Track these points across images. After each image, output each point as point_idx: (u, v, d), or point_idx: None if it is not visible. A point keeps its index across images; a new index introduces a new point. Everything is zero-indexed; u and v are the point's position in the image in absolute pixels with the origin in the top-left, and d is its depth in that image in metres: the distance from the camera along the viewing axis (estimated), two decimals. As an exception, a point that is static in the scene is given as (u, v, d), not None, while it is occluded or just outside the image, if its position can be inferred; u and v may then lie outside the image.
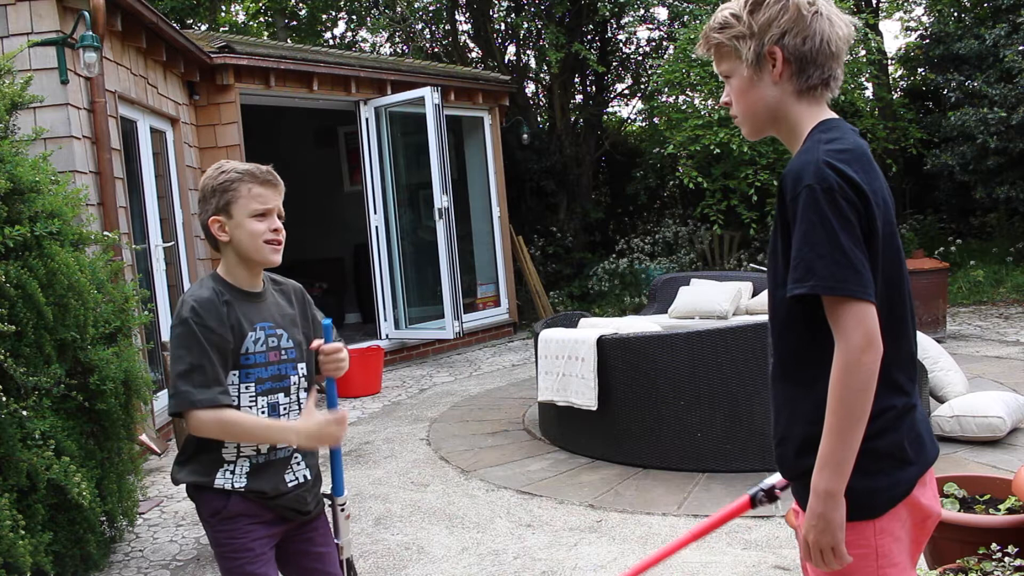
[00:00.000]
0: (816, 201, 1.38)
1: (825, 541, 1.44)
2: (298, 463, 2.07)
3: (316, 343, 2.12)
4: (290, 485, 2.03)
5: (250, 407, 1.98)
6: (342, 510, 2.15)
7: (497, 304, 9.83)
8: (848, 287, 1.37)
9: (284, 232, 2.02)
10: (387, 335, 8.59)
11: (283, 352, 2.04)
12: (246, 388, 1.98)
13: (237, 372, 1.96)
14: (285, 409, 2.05)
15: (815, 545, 1.45)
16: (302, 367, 2.09)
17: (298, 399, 2.08)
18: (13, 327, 3.01)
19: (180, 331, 1.91)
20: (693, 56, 8.53)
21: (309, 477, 2.08)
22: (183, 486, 2.05)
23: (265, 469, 2.00)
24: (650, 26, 11.82)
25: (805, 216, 1.39)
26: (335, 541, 2.15)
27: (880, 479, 1.46)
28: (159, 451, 5.10)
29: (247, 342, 1.97)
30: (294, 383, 2.06)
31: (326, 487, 2.17)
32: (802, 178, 1.41)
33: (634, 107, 13.60)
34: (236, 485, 1.96)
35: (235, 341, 1.95)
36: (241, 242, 1.99)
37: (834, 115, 1.55)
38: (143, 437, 4.24)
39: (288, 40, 13.65)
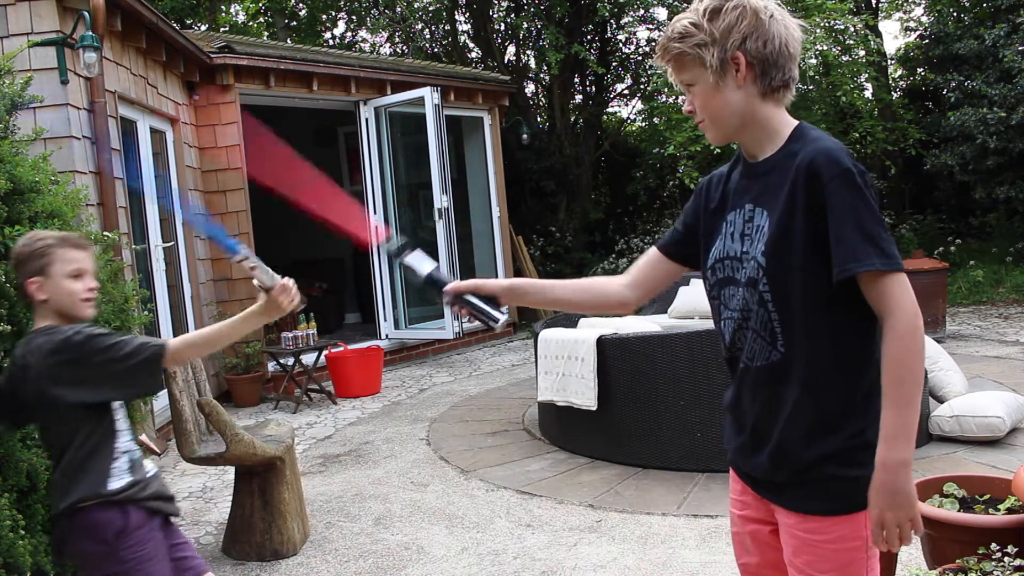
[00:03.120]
0: (858, 184, 1.44)
1: (906, 514, 1.45)
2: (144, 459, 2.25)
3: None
4: (148, 476, 2.19)
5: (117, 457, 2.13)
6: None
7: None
8: (898, 262, 1.44)
9: (96, 290, 2.22)
10: (387, 335, 8.59)
11: None
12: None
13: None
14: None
15: (894, 522, 1.45)
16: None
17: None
18: (12, 326, 3.01)
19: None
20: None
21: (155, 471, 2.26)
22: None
23: (138, 465, 2.17)
24: (650, 26, 11.84)
25: (850, 199, 1.43)
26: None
27: (868, 469, 1.49)
28: (159, 451, 5.10)
29: None
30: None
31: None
32: (839, 161, 1.45)
33: (634, 107, 13.62)
34: (123, 481, 2.10)
35: None
36: (60, 300, 2.14)
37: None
38: (143, 437, 4.23)
39: (288, 40, 13.65)
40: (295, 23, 15.03)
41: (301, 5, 14.83)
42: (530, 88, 13.34)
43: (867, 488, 1.47)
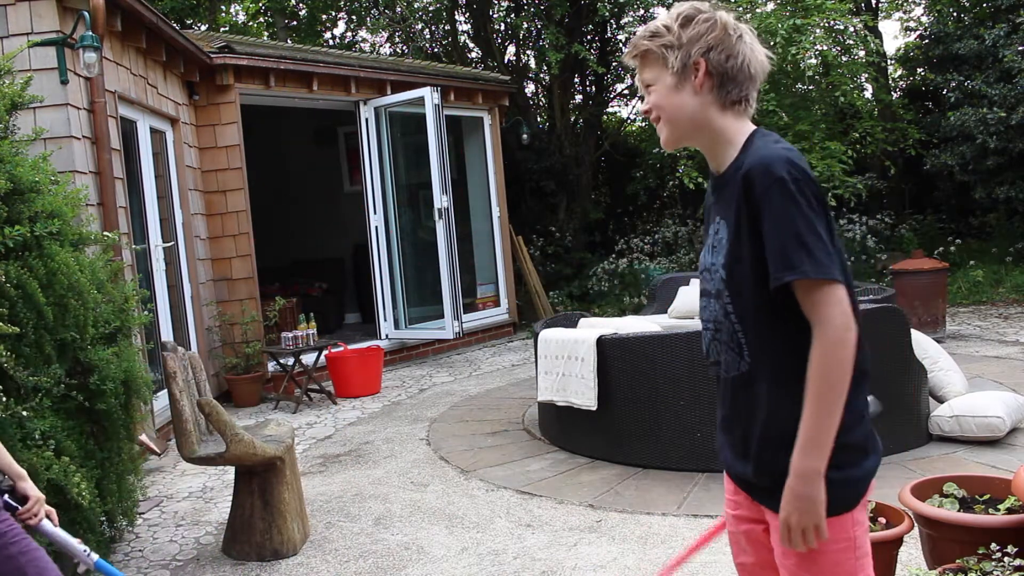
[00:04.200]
0: (791, 192, 1.44)
1: (809, 520, 1.48)
2: None
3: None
4: None
5: None
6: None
7: (497, 304, 9.83)
8: (830, 271, 1.44)
9: None
10: (387, 335, 8.59)
11: None
12: None
13: None
14: None
15: (798, 526, 1.49)
16: None
17: None
18: (15, 328, 3.01)
19: None
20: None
21: None
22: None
23: None
24: (649, 27, 11.81)
25: (782, 207, 1.44)
26: None
27: (854, 471, 1.52)
28: (159, 451, 5.10)
29: None
30: None
31: None
32: (772, 171, 1.46)
33: (634, 107, 13.61)
34: None
35: None
36: None
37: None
38: (143, 437, 4.24)
39: (288, 40, 13.65)
40: (295, 23, 15.02)
41: (301, 5, 14.82)
42: (530, 88, 13.33)
43: (849, 489, 1.51)
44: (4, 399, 2.96)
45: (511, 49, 12.89)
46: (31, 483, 2.25)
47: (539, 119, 13.04)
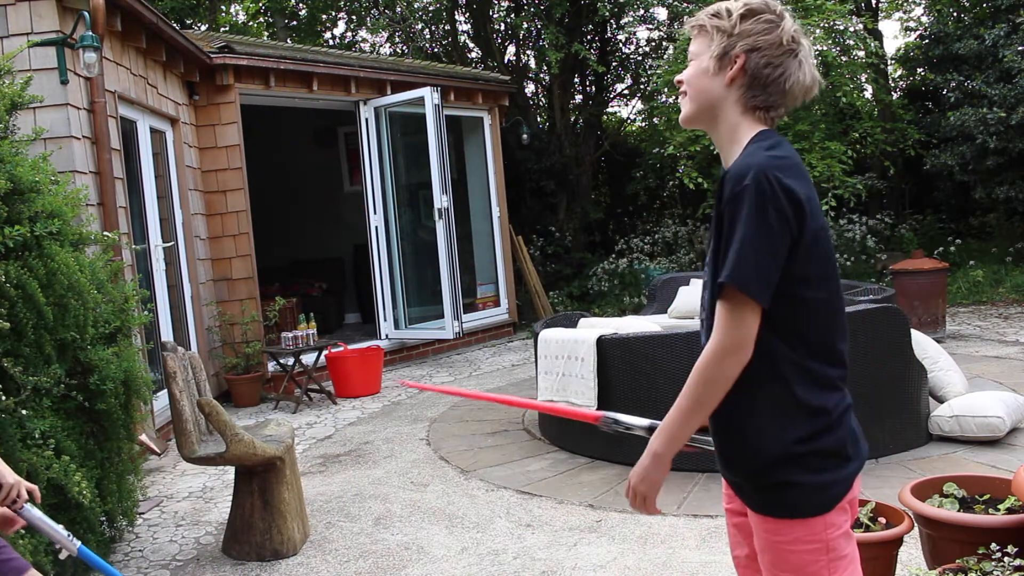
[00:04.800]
0: (751, 202, 1.45)
1: (642, 489, 1.67)
2: None
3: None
4: None
5: None
6: None
7: (497, 304, 9.83)
8: (750, 287, 1.45)
9: None
10: (387, 335, 8.59)
11: None
12: None
13: None
14: None
15: (635, 489, 1.67)
16: None
17: None
18: (12, 326, 3.01)
19: None
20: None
21: None
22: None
23: None
24: (650, 26, 11.82)
25: (739, 214, 1.46)
26: None
27: (826, 476, 1.54)
28: (159, 451, 5.10)
29: None
30: None
31: None
32: (742, 179, 1.47)
33: (634, 107, 13.61)
34: None
35: None
36: None
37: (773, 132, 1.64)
38: (143, 437, 4.24)
39: (288, 40, 13.65)
40: (295, 23, 15.02)
41: (301, 5, 14.82)
42: (530, 88, 13.33)
43: (820, 493, 1.53)
44: (4, 399, 2.96)
45: (511, 49, 12.89)
46: (5, 466, 2.20)
47: (539, 119, 13.04)
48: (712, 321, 1.55)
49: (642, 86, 12.14)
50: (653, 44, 12.42)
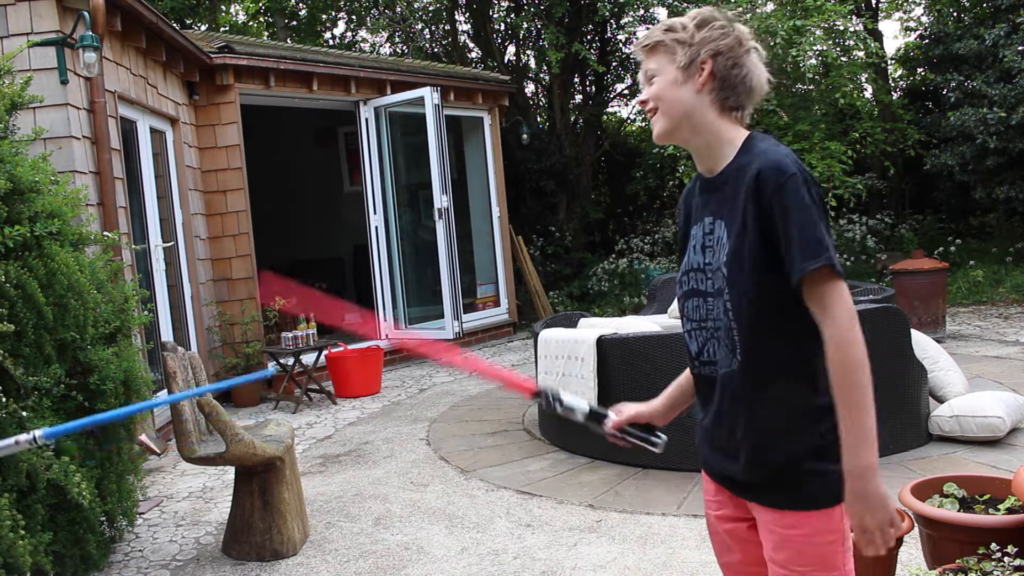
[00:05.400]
0: (805, 189, 1.50)
1: (883, 516, 1.48)
2: None
3: None
4: None
5: None
6: None
7: (497, 304, 9.83)
8: (835, 264, 1.49)
9: None
10: (387, 335, 8.59)
11: None
12: None
13: None
14: None
15: (875, 527, 1.48)
16: None
17: None
18: (13, 327, 3.01)
19: None
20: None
21: None
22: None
23: None
24: (649, 26, 11.80)
25: (797, 202, 1.49)
26: None
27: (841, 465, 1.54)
28: (159, 451, 5.10)
29: None
30: None
31: None
32: (785, 169, 1.51)
33: (634, 107, 13.60)
34: None
35: None
36: None
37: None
38: (143, 437, 4.24)
39: (288, 40, 13.65)
40: (295, 23, 15.03)
41: (301, 5, 14.83)
42: (530, 88, 13.34)
43: (839, 483, 1.52)
44: (4, 399, 2.96)
45: (511, 49, 12.90)
46: None
47: (539, 119, 13.04)
48: (741, 323, 1.56)
49: (642, 86, 12.12)
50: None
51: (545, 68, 12.17)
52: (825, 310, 1.49)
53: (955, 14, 10.92)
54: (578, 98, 12.91)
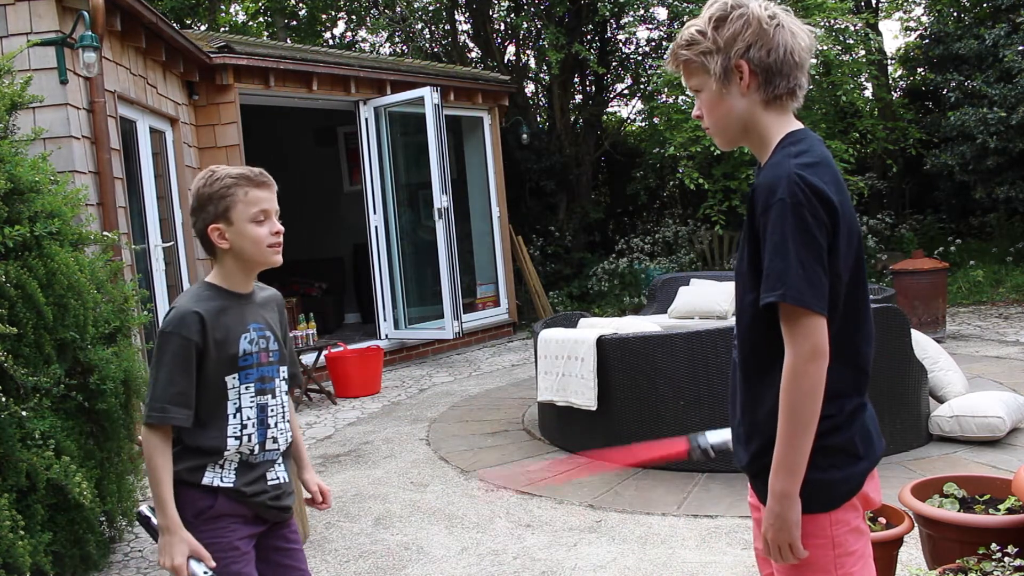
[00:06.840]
0: (786, 215, 1.45)
1: (783, 538, 1.53)
2: (280, 464, 2.06)
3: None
4: (270, 484, 2.02)
5: (249, 407, 1.98)
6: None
7: (496, 304, 9.83)
8: (805, 299, 1.45)
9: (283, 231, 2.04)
10: (386, 335, 8.59)
11: (270, 354, 2.04)
12: (246, 389, 1.98)
13: (236, 375, 1.97)
14: (273, 412, 2.03)
15: (774, 542, 1.55)
16: (284, 370, 2.08)
17: (282, 403, 2.06)
18: (14, 328, 3.01)
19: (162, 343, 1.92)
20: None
21: (287, 479, 2.08)
22: None
23: (252, 469, 2.00)
24: (650, 26, 11.82)
25: (776, 229, 1.46)
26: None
27: (833, 473, 1.55)
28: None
29: (242, 343, 1.97)
30: (278, 386, 2.06)
31: None
32: (775, 191, 1.47)
33: (634, 107, 13.61)
34: (223, 482, 1.95)
35: (231, 345, 1.95)
36: (244, 248, 1.97)
37: (800, 125, 1.60)
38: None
39: (288, 40, 13.65)
40: (295, 23, 15.03)
41: (301, 5, 14.83)
42: (530, 88, 13.33)
43: (826, 490, 1.54)
44: (4, 399, 2.96)
45: (511, 49, 12.89)
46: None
47: (539, 119, 13.04)
48: (745, 323, 1.59)
49: (642, 86, 12.13)
50: (653, 44, 12.40)
51: (545, 68, 12.17)
52: (787, 338, 1.49)
53: (955, 14, 10.92)
54: (578, 98, 12.91)
